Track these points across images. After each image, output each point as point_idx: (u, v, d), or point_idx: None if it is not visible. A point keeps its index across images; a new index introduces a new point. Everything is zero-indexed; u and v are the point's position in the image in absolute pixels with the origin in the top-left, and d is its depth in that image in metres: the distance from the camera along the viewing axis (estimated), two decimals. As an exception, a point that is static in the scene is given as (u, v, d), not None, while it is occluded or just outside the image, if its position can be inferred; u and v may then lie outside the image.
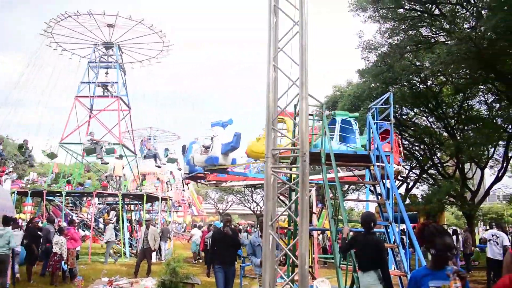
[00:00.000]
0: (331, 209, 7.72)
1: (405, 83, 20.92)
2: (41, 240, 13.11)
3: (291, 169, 8.19)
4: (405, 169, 25.05)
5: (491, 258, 11.71)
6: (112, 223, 21.89)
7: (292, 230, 8.65)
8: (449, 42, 17.72)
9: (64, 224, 16.63)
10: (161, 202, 22.71)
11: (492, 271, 12.01)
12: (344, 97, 23.24)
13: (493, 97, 22.27)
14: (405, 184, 29.50)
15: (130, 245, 20.68)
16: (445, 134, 24.87)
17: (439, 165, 26.29)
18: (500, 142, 22.35)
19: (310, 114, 8.58)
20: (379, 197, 8.44)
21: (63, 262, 11.52)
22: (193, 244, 19.99)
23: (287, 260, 8.73)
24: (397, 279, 8.11)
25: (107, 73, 24.87)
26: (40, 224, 15.15)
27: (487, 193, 24.58)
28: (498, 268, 10.55)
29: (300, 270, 4.62)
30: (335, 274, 13.47)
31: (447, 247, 3.28)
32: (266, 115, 5.10)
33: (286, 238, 11.17)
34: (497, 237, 11.65)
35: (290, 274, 7.76)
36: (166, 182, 29.45)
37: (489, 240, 11.95)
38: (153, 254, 15.62)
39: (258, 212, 54.56)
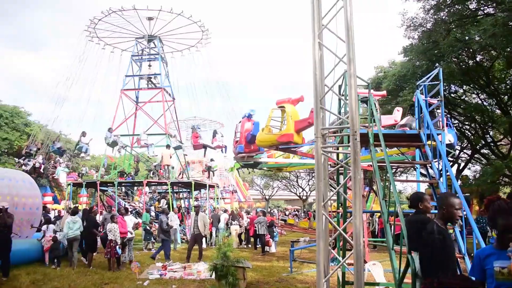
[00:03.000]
0: (381, 191, 7.54)
1: (453, 59, 20.05)
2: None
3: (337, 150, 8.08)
4: (456, 149, 24.14)
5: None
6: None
7: (341, 213, 8.53)
8: (497, 14, 16.78)
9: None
10: (208, 189, 23.10)
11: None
12: (387, 78, 22.65)
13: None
14: (456, 165, 28.48)
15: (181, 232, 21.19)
16: (497, 111, 23.67)
17: (492, 144, 25.12)
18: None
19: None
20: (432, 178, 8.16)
21: (117, 247, 11.97)
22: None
23: (337, 244, 8.63)
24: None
25: (150, 65, 25.38)
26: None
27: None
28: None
29: (355, 251, 4.54)
30: (385, 258, 13.38)
31: (507, 228, 3.08)
32: (313, 94, 5.02)
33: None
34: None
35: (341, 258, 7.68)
36: (209, 168, 29.72)
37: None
38: (203, 239, 15.96)
39: (304, 198, 54.48)
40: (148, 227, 18.41)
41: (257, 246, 18.30)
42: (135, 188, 26.41)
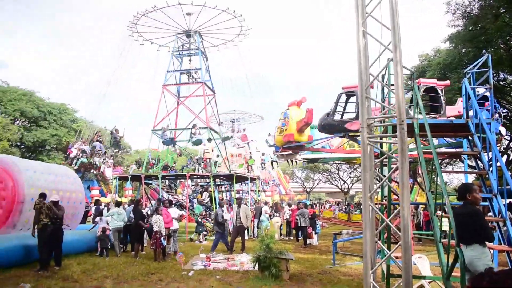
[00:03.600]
0: (428, 182, 7.33)
1: (502, 45, 19.16)
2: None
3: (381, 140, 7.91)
4: (505, 139, 23.13)
5: None
6: (206, 203, 22.89)
7: (385, 205, 8.37)
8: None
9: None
10: (250, 182, 23.25)
11: None
12: (432, 66, 21.94)
13: None
14: (505, 156, 27.27)
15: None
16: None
17: (544, 133, 23.89)
18: None
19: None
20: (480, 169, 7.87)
21: (162, 238, 12.28)
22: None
23: (381, 236, 8.48)
24: (505, 254, 7.59)
25: (190, 60, 25.72)
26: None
27: None
28: None
29: (403, 243, 4.45)
30: (430, 252, 13.06)
31: None
32: (358, 83, 4.93)
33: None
34: None
35: (384, 250, 7.55)
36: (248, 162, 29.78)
37: None
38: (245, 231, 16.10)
39: (345, 190, 53.86)
40: (200, 219, 18.81)
41: (299, 238, 18.30)
42: (178, 181, 26.93)
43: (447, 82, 12.10)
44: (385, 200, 8.36)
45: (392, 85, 5.78)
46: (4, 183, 11.91)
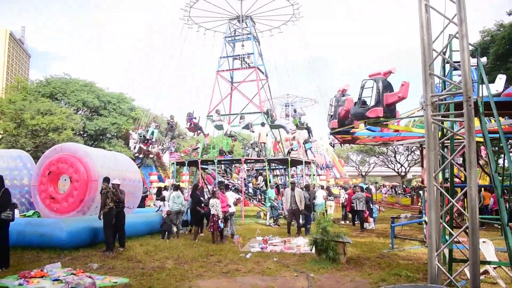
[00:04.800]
0: (494, 163, 6.95)
1: None
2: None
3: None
4: None
5: None
6: (261, 187, 23.07)
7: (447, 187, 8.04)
8: None
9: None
10: (304, 166, 23.15)
11: None
12: (496, 41, 20.67)
13: None
14: None
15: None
16: None
17: None
18: None
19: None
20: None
21: (219, 221, 12.54)
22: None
23: (443, 218, 8.17)
24: None
25: (243, 45, 25.74)
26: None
27: None
28: None
29: (471, 225, 4.27)
30: (493, 237, 12.46)
31: None
32: (421, 60, 4.73)
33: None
34: None
35: (446, 235, 7.27)
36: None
37: None
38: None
39: (402, 174, 52.43)
40: (275, 204, 19.01)
41: (355, 222, 18.08)
42: (233, 165, 27.29)
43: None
44: (447, 183, 8.03)
45: (456, 62, 5.49)
46: (74, 167, 12.72)
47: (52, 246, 10.52)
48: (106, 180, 11.30)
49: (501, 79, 9.91)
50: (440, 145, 8.31)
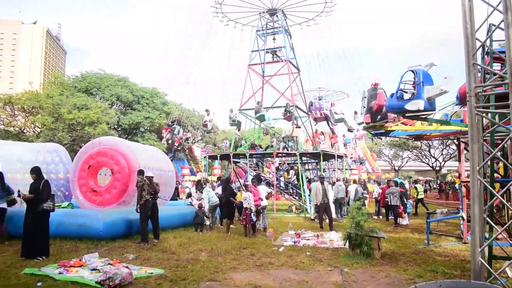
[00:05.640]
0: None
1: None
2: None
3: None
4: None
5: None
6: (292, 181, 23.01)
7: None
8: None
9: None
10: (337, 160, 22.95)
11: None
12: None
13: None
14: None
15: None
16: None
17: None
18: None
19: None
20: None
21: (252, 214, 12.58)
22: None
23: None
24: None
25: (274, 39, 25.63)
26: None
27: None
28: None
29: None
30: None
31: None
32: (464, 49, 4.56)
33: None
34: None
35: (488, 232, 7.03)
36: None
37: None
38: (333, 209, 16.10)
39: (437, 168, 51.20)
40: None
41: (389, 217, 17.80)
42: (265, 159, 27.32)
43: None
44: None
45: (502, 52, 5.26)
46: (115, 159, 13.06)
47: (90, 236, 10.80)
48: (141, 172, 11.51)
49: None
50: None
